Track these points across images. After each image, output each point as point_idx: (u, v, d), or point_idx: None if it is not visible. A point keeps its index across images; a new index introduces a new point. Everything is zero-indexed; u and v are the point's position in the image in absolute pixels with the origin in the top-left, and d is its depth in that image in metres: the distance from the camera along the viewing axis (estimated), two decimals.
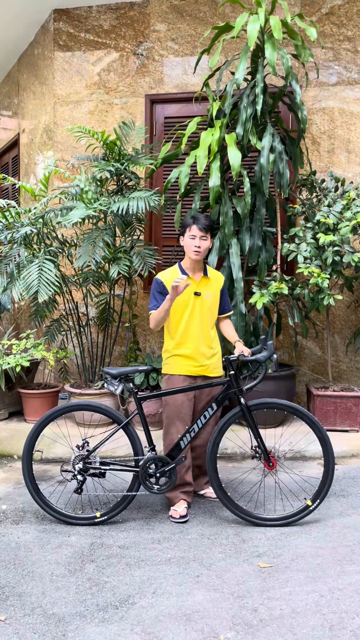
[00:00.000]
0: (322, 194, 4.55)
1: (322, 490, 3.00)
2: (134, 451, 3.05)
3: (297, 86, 4.17)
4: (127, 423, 3.05)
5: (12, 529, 3.03)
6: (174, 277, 3.16)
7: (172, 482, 3.04)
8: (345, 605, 2.28)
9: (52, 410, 3.06)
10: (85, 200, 4.24)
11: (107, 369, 3.06)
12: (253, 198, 4.33)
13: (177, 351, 3.20)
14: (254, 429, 3.03)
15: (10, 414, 4.93)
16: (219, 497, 3.02)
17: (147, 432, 3.06)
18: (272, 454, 3.07)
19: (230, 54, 5.19)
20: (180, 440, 3.05)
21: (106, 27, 5.42)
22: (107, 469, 3.05)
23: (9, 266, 4.36)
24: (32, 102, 6.13)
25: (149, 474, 3.04)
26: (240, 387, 3.05)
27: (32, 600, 2.36)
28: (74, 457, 3.06)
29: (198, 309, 3.18)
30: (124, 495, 3.06)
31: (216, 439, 3.03)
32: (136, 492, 3.05)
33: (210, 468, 3.02)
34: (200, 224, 3.10)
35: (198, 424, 3.06)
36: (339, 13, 5.00)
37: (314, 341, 5.17)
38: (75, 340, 5.32)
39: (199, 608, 2.29)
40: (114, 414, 3.05)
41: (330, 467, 2.99)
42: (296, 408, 3.01)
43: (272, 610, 2.26)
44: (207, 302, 3.20)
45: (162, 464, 3.05)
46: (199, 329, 3.18)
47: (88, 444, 3.09)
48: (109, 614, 2.25)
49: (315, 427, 2.99)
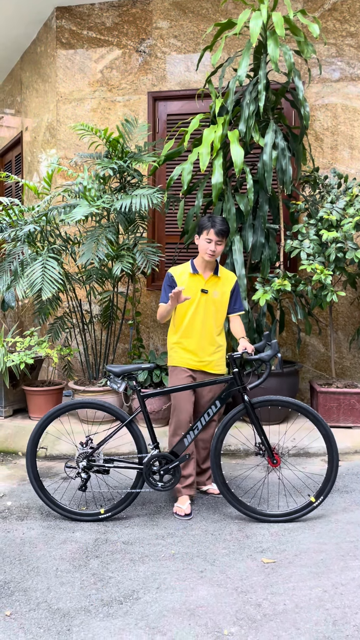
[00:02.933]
0: (325, 191, 4.54)
1: (326, 487, 3.01)
2: (138, 449, 3.07)
3: (299, 82, 4.16)
4: (130, 420, 3.06)
5: (17, 525, 3.05)
6: (185, 273, 3.26)
7: (176, 479, 3.05)
8: (348, 600, 2.29)
9: (56, 407, 3.08)
10: (89, 198, 4.25)
11: (110, 367, 3.07)
12: (256, 195, 4.33)
13: (179, 344, 3.28)
14: (258, 426, 3.04)
15: (15, 411, 4.95)
16: (222, 493, 3.03)
17: (150, 430, 3.07)
18: (275, 451, 3.08)
19: (232, 50, 5.18)
20: (184, 438, 3.06)
21: (108, 25, 5.41)
22: (111, 466, 3.07)
23: (13, 264, 4.38)
24: (35, 100, 6.14)
25: (153, 471, 3.05)
26: (244, 384, 3.05)
27: (37, 595, 2.38)
28: (78, 454, 3.07)
29: (203, 305, 3.23)
30: (128, 492, 3.07)
31: (220, 436, 3.03)
32: (140, 489, 3.07)
33: (213, 464, 3.03)
34: (217, 228, 3.15)
35: (202, 421, 3.07)
36: (341, 9, 4.99)
37: (317, 338, 5.17)
38: (78, 337, 5.34)
39: (202, 603, 2.30)
40: (117, 412, 3.06)
41: (334, 464, 2.99)
42: (300, 405, 3.01)
43: (275, 605, 2.27)
44: (214, 300, 3.24)
45: (166, 462, 3.06)
46: (202, 325, 3.23)
47: (92, 441, 3.10)
48: (114, 609, 2.27)
49: (319, 424, 3.00)
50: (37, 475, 3.07)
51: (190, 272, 3.25)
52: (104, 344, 5.15)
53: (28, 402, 4.75)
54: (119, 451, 4.06)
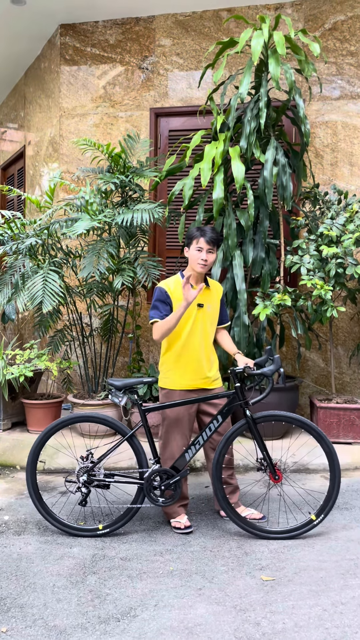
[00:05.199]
0: (325, 207, 4.57)
1: (327, 505, 2.98)
2: (139, 463, 3.04)
3: (300, 100, 4.21)
4: (132, 435, 3.04)
5: (14, 540, 3.02)
6: (177, 287, 3.11)
7: (177, 494, 3.02)
8: (348, 619, 2.27)
9: (58, 420, 3.06)
10: (90, 212, 4.28)
11: (112, 381, 3.04)
12: (256, 210, 4.36)
13: (177, 364, 3.13)
14: (260, 442, 3.01)
15: (13, 424, 4.93)
16: (223, 508, 3.00)
17: (151, 444, 3.04)
18: (277, 467, 3.05)
19: (234, 68, 5.25)
20: (186, 453, 3.03)
21: (112, 42, 5.49)
22: (111, 481, 3.04)
23: (14, 277, 4.39)
24: (38, 115, 6.20)
25: (154, 486, 3.02)
26: (245, 399, 3.04)
27: (34, 612, 2.35)
28: (79, 468, 3.05)
29: (200, 321, 3.13)
30: (128, 507, 3.05)
31: (222, 450, 3.00)
32: (140, 504, 3.03)
33: (215, 478, 3.00)
34: (208, 236, 3.03)
35: (203, 437, 3.04)
36: (342, 28, 5.06)
37: (317, 353, 5.17)
38: (78, 350, 5.34)
39: (201, 621, 2.27)
40: (119, 426, 3.04)
41: (336, 483, 2.96)
42: (303, 421, 2.99)
43: (274, 624, 2.25)
44: (209, 314, 3.16)
45: (167, 477, 3.04)
46: (201, 341, 3.13)
47: (92, 455, 3.08)
48: (111, 627, 2.24)
49: (322, 441, 2.96)
50: (37, 489, 3.05)
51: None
52: (104, 357, 5.15)
53: (27, 415, 4.73)
54: (117, 466, 4.04)
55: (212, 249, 3.08)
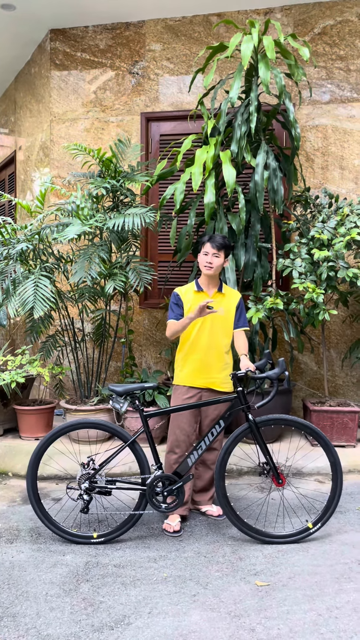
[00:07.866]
0: (316, 210, 4.59)
1: (329, 510, 2.98)
2: (141, 469, 3.01)
3: (290, 104, 4.22)
4: (133, 441, 3.01)
5: (6, 547, 2.99)
6: (190, 292, 3.29)
7: (180, 500, 3.00)
8: (343, 624, 2.26)
9: (59, 426, 3.02)
10: (81, 217, 4.26)
11: (113, 387, 3.03)
12: (248, 214, 4.36)
13: (185, 362, 3.27)
14: (263, 446, 3.00)
15: (5, 431, 4.89)
16: (225, 513, 2.98)
17: (153, 450, 3.02)
18: (280, 470, 3.04)
19: (224, 73, 5.26)
20: (188, 458, 3.02)
21: (102, 47, 5.49)
22: (113, 487, 3.01)
23: (5, 282, 4.37)
24: (28, 120, 6.19)
25: (156, 492, 3.00)
26: (248, 403, 3.03)
27: (26, 621, 2.32)
28: (80, 475, 3.01)
29: (209, 322, 3.23)
30: (131, 514, 3.02)
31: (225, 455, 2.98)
32: (143, 510, 3.01)
33: (217, 479, 2.98)
34: (214, 242, 3.19)
35: (205, 442, 3.03)
36: (331, 33, 5.09)
37: (309, 356, 5.18)
38: (70, 356, 5.31)
39: (195, 628, 2.25)
40: (120, 432, 3.02)
41: (337, 492, 2.96)
42: (305, 424, 2.99)
43: (269, 630, 2.23)
44: (220, 317, 3.25)
45: (170, 482, 3.02)
46: (208, 342, 3.22)
47: (93, 462, 3.05)
48: (104, 635, 2.22)
49: (328, 451, 2.97)
50: (38, 496, 3.01)
51: (195, 290, 3.27)
52: (96, 362, 5.13)
53: (19, 421, 4.70)
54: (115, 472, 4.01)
55: (218, 253, 3.20)
